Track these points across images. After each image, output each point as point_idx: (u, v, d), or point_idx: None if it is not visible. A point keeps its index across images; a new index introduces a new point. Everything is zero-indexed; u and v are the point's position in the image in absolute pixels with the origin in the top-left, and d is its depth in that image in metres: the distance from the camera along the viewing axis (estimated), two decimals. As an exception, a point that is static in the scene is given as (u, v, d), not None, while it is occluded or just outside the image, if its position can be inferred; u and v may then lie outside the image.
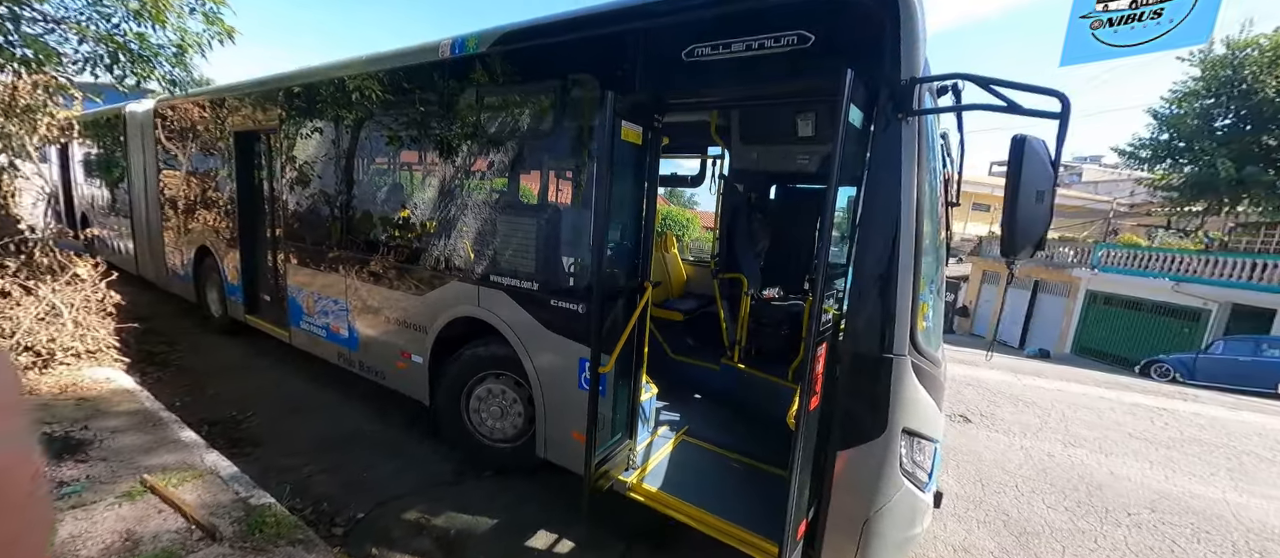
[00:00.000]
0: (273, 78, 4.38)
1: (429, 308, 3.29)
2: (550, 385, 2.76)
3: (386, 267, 3.54)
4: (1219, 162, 11.56)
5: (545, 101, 2.64)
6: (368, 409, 3.94)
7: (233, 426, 3.64)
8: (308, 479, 3.03)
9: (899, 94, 1.68)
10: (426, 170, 3.31)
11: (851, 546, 1.89)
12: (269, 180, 4.67)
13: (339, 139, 3.77)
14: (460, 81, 2.95)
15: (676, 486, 2.56)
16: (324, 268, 4.02)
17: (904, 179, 1.69)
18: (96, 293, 4.57)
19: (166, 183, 5.93)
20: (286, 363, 4.80)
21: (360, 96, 3.51)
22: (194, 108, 5.26)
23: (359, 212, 3.76)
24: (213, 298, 5.65)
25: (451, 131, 3.04)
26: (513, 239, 2.86)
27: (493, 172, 2.94)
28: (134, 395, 3.65)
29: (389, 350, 3.62)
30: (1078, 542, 2.79)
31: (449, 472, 3.18)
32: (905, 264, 1.71)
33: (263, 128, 4.50)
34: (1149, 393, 6.66)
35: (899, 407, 1.78)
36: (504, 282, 2.87)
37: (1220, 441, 4.63)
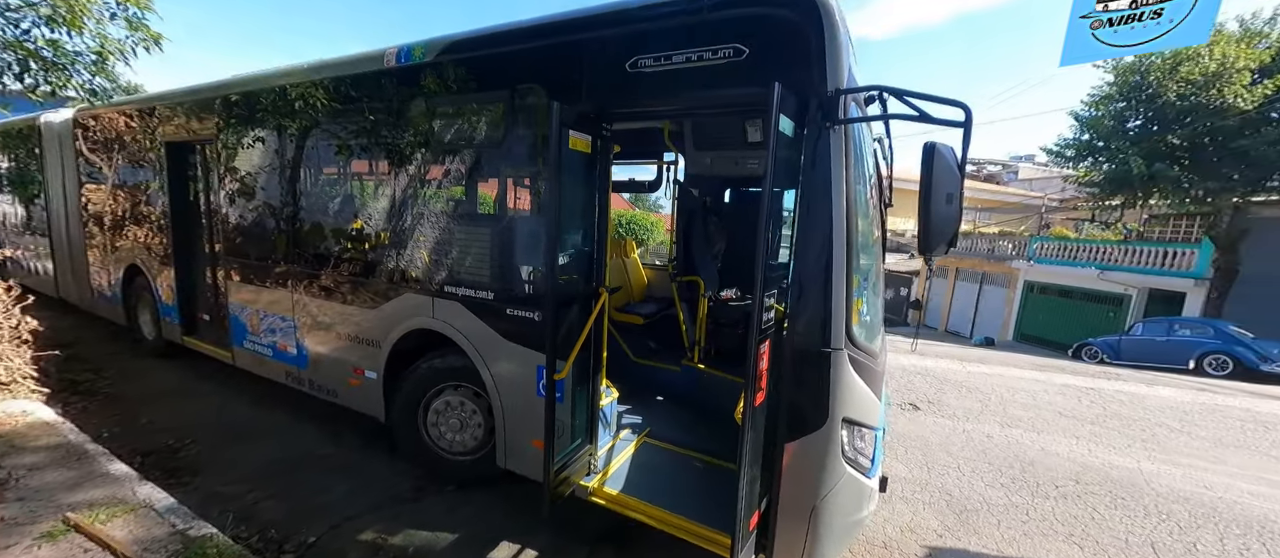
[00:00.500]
0: (208, 86, 4.17)
1: (382, 321, 3.21)
2: (509, 395, 2.75)
3: (336, 280, 3.43)
4: (1131, 159, 12.67)
5: (494, 111, 2.64)
6: (320, 430, 3.79)
7: (169, 455, 3.42)
8: (253, 506, 2.89)
9: (826, 104, 1.79)
10: (376, 181, 3.24)
11: (801, 532, 1.98)
12: (206, 193, 4.43)
13: (282, 149, 3.63)
14: (407, 90, 2.91)
15: (637, 487, 2.60)
16: (269, 284, 3.85)
17: (834, 183, 1.80)
18: (9, 319, 4.20)
19: (90, 198, 5.51)
20: (230, 386, 4.55)
21: (304, 105, 3.40)
22: (120, 118, 4.93)
23: (305, 224, 3.63)
24: (145, 320, 5.29)
25: (400, 141, 2.99)
26: (467, 249, 2.84)
27: (444, 181, 2.91)
28: (55, 428, 3.39)
29: (341, 367, 3.51)
30: (1011, 515, 3.01)
31: (407, 489, 3.10)
32: (839, 263, 1.82)
33: (198, 138, 4.27)
34: (1079, 374, 7.21)
35: (838, 398, 1.88)
36: (459, 292, 2.84)
37: (1137, 415, 5.08)
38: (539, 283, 2.56)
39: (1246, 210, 12.48)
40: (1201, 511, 3.14)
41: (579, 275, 2.52)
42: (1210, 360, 9.78)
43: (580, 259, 2.51)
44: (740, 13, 1.93)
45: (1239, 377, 9.10)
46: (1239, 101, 11.33)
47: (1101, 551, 2.71)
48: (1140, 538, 2.83)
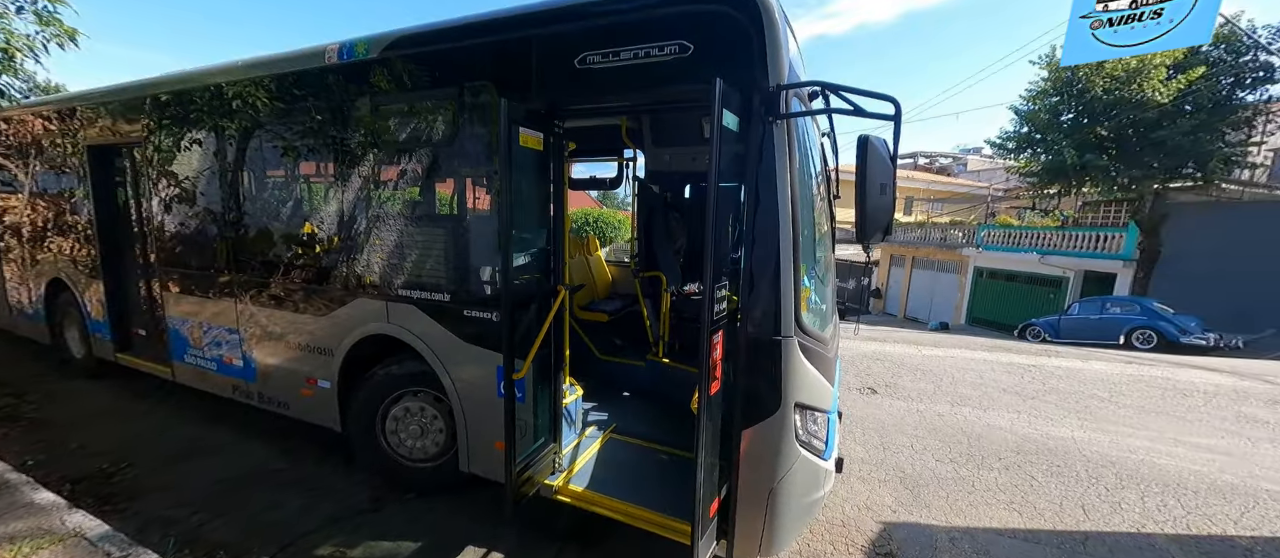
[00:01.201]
0: (135, 84, 3.89)
1: (334, 328, 3.10)
2: (470, 398, 2.71)
3: (284, 288, 3.28)
4: (1065, 150, 13.56)
5: (444, 109, 2.59)
6: (270, 445, 3.63)
7: (103, 481, 3.20)
8: (199, 529, 2.75)
9: (768, 99, 1.84)
10: (322, 183, 3.12)
11: (759, 515, 2.04)
12: (137, 200, 4.15)
13: (220, 151, 3.44)
14: (352, 89, 2.81)
15: (602, 482, 2.61)
16: (211, 294, 3.64)
17: (779, 177, 1.86)
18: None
19: (4, 207, 5.07)
20: (170, 403, 4.29)
21: (241, 105, 3.23)
22: (36, 119, 4.55)
23: (249, 230, 3.45)
24: (72, 337, 4.91)
25: (346, 141, 2.89)
26: (421, 251, 2.77)
27: (395, 182, 2.83)
28: (-33, 460, 3.11)
29: (292, 378, 3.36)
30: (957, 488, 3.19)
31: (366, 499, 3.01)
32: (786, 254, 1.88)
33: (125, 141, 3.99)
34: (1023, 353, 7.68)
35: (790, 384, 1.95)
36: (415, 295, 2.77)
37: (1072, 388, 5.46)
38: (494, 283, 2.53)
39: (1166, 196, 13.57)
40: (1125, 473, 3.41)
41: (536, 274, 2.50)
42: (1137, 335, 10.60)
43: (537, 258, 2.50)
44: (684, 10, 1.96)
45: (1162, 349, 9.90)
46: (1156, 95, 12.29)
47: (1038, 514, 2.91)
48: (1073, 501, 3.05)
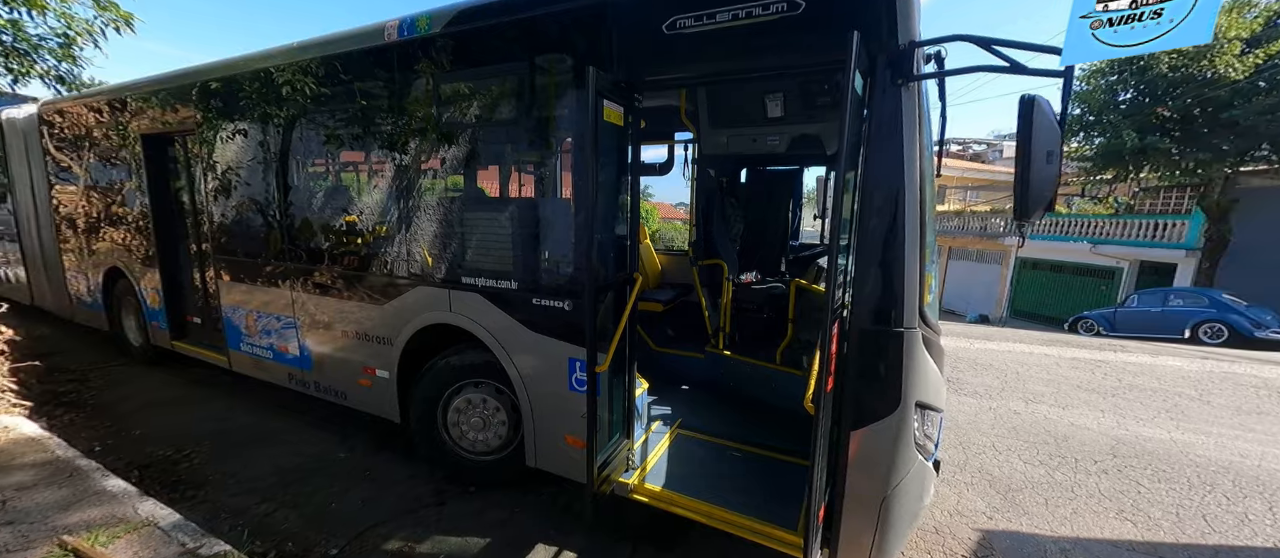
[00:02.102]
0: (188, 71, 3.86)
1: (393, 318, 3.01)
2: (537, 390, 2.58)
3: (340, 276, 3.21)
4: (1125, 132, 12.72)
5: (513, 85, 2.43)
6: (329, 434, 3.60)
7: (169, 467, 3.21)
8: (266, 518, 2.71)
9: (897, 59, 1.63)
10: (380, 168, 3.01)
11: (870, 526, 1.86)
12: (190, 188, 4.15)
13: (273, 137, 3.38)
14: (412, 67, 2.68)
15: (680, 482, 2.46)
16: (265, 282, 3.61)
17: (906, 148, 1.65)
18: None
19: (62, 198, 5.17)
20: (228, 391, 4.32)
21: (293, 89, 3.15)
22: (90, 110, 4.59)
23: (303, 218, 3.39)
24: (130, 325, 5.00)
25: (404, 124, 2.77)
26: (486, 237, 2.64)
27: (457, 166, 2.71)
28: (41, 444, 3.15)
29: (349, 368, 3.30)
30: (1056, 493, 2.93)
31: (429, 493, 2.94)
32: (911, 236, 1.67)
33: (178, 129, 3.98)
34: (1084, 348, 7.24)
35: (911, 381, 1.75)
36: (478, 283, 2.65)
37: (1154, 385, 5.07)
38: (567, 270, 2.39)
39: (1237, 181, 12.63)
40: (1244, 480, 3.10)
41: (612, 261, 2.35)
42: (1205, 329, 9.93)
43: (614, 243, 2.34)
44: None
45: (1234, 344, 9.25)
46: (1230, 72, 11.37)
47: (1154, 525, 2.65)
48: (1191, 510, 2.77)
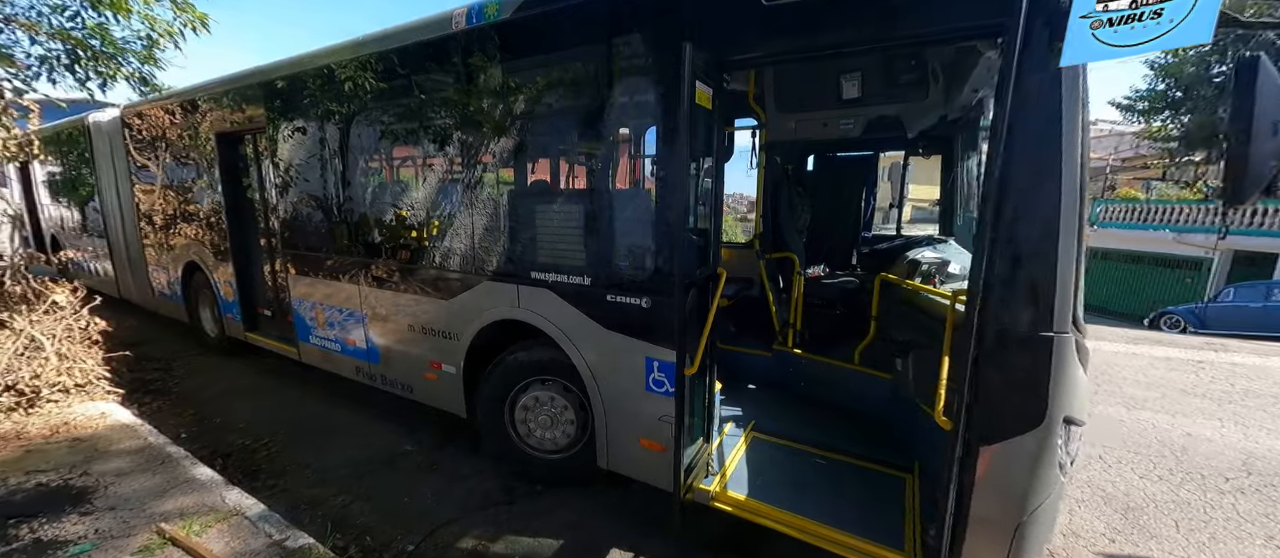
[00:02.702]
0: (254, 71, 3.95)
1: (460, 313, 2.98)
2: (611, 390, 2.48)
3: (405, 271, 3.21)
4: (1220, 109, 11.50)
5: (590, 69, 2.30)
6: (396, 426, 3.64)
7: (248, 456, 3.32)
8: (343, 510, 2.74)
9: (1057, 20, 1.39)
10: (445, 162, 2.96)
11: (1000, 554, 1.66)
12: (260, 185, 4.27)
13: (338, 134, 3.39)
14: (481, 55, 2.59)
15: (763, 490, 2.31)
16: (333, 277, 3.67)
17: (1066, 128, 1.41)
18: (78, 321, 4.17)
19: (143, 196, 5.46)
20: (298, 381, 4.46)
21: (354, 85, 3.14)
22: (168, 111, 4.80)
23: (368, 212, 3.41)
24: (206, 317, 5.25)
25: (473, 114, 2.69)
26: (557, 231, 2.54)
27: (526, 157, 2.62)
28: (135, 430, 3.31)
29: (415, 362, 3.31)
30: (1186, 514, 2.61)
31: (498, 490, 2.91)
32: (1069, 228, 1.45)
33: (249, 127, 4.09)
34: (1177, 346, 6.57)
35: (1059, 393, 1.53)
36: (549, 279, 2.56)
37: (1274, 391, 4.53)
38: (644, 264, 2.26)
39: (1353, 159, 11.21)
40: None
41: (698, 255, 2.20)
42: (1317, 327, 8.89)
43: (699, 237, 2.19)
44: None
45: (1354, 344, 8.22)
46: (1351, 36, 10.04)
47: (1314, 557, 2.31)
48: (1360, 542, 2.40)
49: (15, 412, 3.37)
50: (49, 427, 3.30)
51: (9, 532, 2.27)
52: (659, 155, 2.05)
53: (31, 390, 3.46)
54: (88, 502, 2.53)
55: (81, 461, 2.91)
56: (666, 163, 1.96)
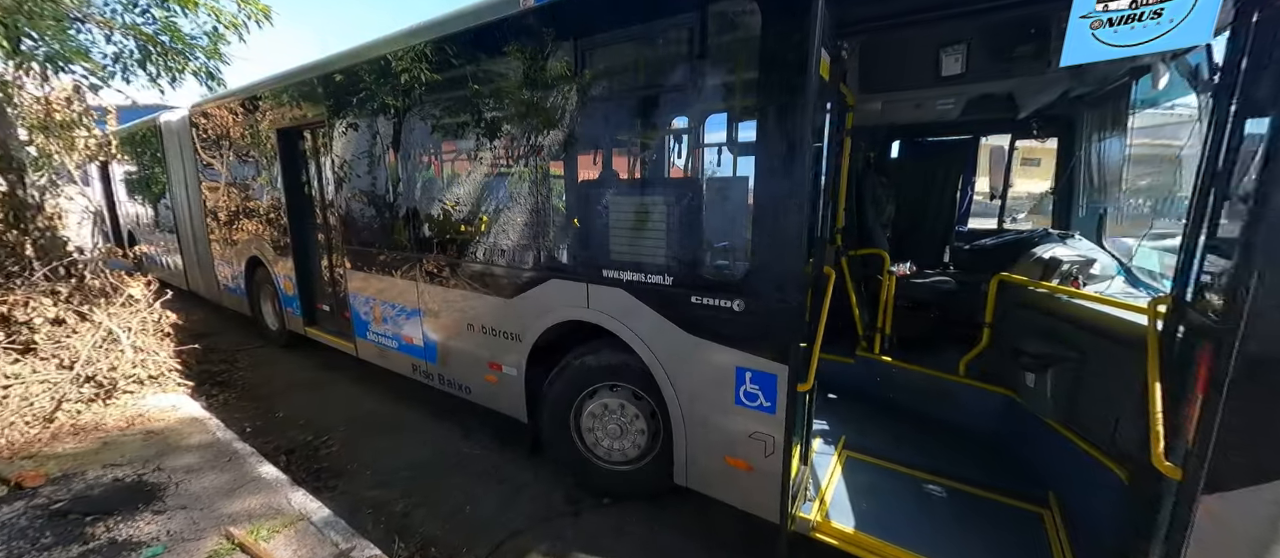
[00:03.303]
0: (314, 64, 3.92)
1: (523, 312, 2.81)
2: (693, 401, 2.25)
3: (464, 268, 3.07)
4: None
5: (686, 39, 2.05)
6: (451, 426, 3.54)
7: (310, 453, 3.28)
8: (405, 517, 2.63)
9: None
10: (510, 152, 2.79)
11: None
12: (319, 180, 4.26)
13: (395, 126, 3.29)
14: (552, 33, 2.39)
15: (875, 522, 2.02)
16: (390, 272, 3.59)
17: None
18: (152, 313, 4.29)
19: (208, 192, 5.62)
20: (354, 377, 4.45)
21: (411, 76, 3.01)
22: (232, 109, 4.88)
23: (427, 207, 3.30)
24: (267, 310, 5.35)
25: (540, 101, 2.50)
26: (635, 224, 2.32)
27: (603, 144, 2.41)
28: (204, 424, 3.33)
29: (474, 362, 3.18)
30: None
31: (562, 500, 2.74)
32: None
33: (309, 122, 4.07)
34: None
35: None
36: (624, 277, 2.35)
37: None
38: (738, 261, 2.00)
39: None
40: None
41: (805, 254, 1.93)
42: None
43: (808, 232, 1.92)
44: None
45: None
46: None
47: None
48: None
49: (94, 402, 3.45)
50: (125, 418, 3.36)
51: (86, 530, 2.26)
52: (768, 138, 1.79)
53: (109, 382, 3.55)
54: (160, 499, 2.51)
55: (154, 455, 2.93)
56: (777, 147, 1.70)
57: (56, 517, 2.33)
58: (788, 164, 1.70)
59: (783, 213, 1.75)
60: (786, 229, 1.76)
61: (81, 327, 3.72)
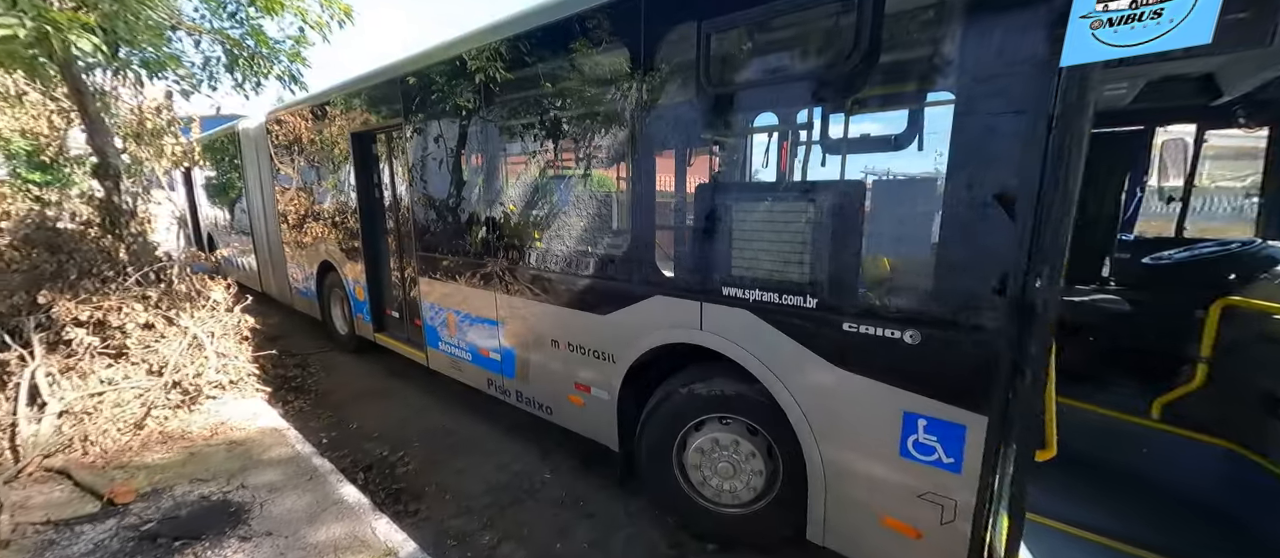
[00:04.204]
0: (388, 67, 3.80)
1: (620, 331, 2.53)
2: (838, 448, 1.89)
3: (550, 278, 2.82)
4: None
5: (838, 11, 1.70)
6: (528, 445, 3.32)
7: (388, 471, 3.13)
8: (493, 551, 2.41)
9: None
10: (608, 151, 2.51)
11: None
12: (392, 184, 4.16)
13: (475, 128, 3.09)
14: (660, 16, 2.09)
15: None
16: (466, 281, 3.40)
17: None
18: (232, 317, 4.32)
19: (282, 196, 5.71)
20: (424, 386, 4.34)
21: (494, 73, 2.80)
22: (305, 115, 4.89)
23: (511, 210, 3.08)
24: (337, 315, 5.35)
25: (655, 90, 2.20)
26: (769, 233, 1.98)
27: (730, 137, 2.08)
28: (283, 436, 3.24)
29: (559, 381, 2.93)
30: None
31: (662, 542, 2.44)
32: None
33: (381, 126, 3.97)
34: None
35: None
36: (748, 296, 2.01)
37: None
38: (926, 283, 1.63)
39: None
40: None
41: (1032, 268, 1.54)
42: None
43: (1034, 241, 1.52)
44: None
45: None
46: None
47: None
48: None
49: (180, 409, 3.45)
50: (209, 427, 3.32)
51: (174, 556, 2.14)
52: (961, 116, 1.42)
53: (194, 389, 3.54)
54: (246, 523, 2.39)
55: (238, 469, 2.84)
56: (992, 132, 1.33)
57: (146, 540, 2.24)
58: (1003, 154, 1.33)
59: (988, 218, 1.37)
60: (992, 239, 1.38)
61: (169, 331, 3.74)
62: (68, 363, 3.29)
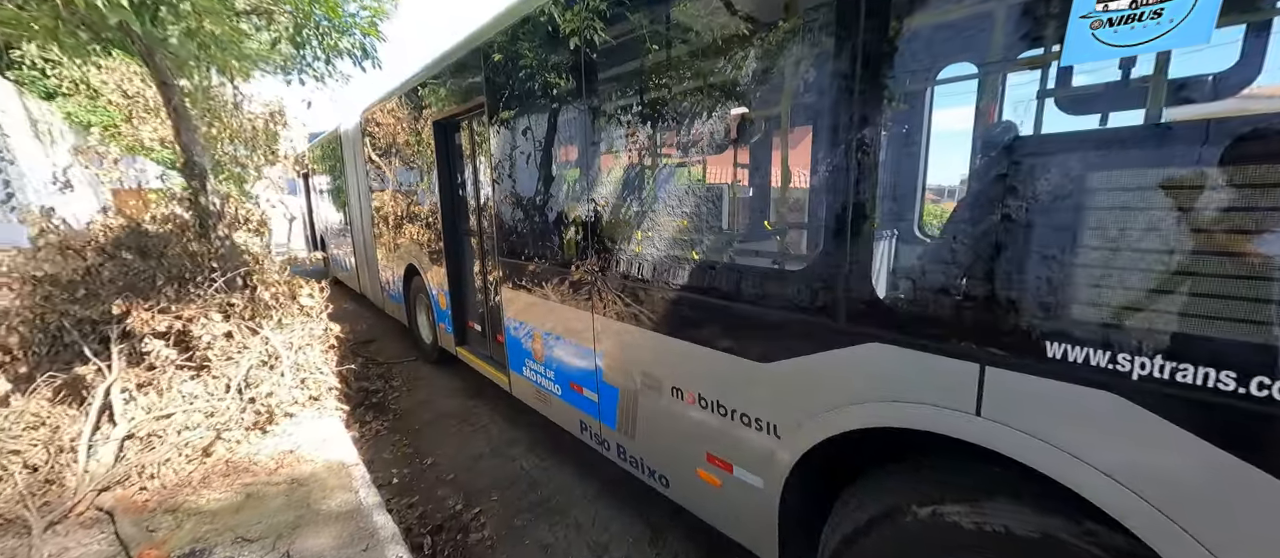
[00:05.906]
0: (468, 38, 3.17)
1: (794, 391, 1.58)
2: None
3: (681, 303, 1.94)
4: None
5: None
6: (629, 516, 2.52)
7: (460, 533, 2.48)
8: None
9: None
10: (798, 118, 1.56)
11: None
12: (476, 177, 3.58)
13: (580, 107, 2.30)
14: None
15: None
16: (558, 296, 2.65)
17: None
18: (319, 325, 4.02)
19: (375, 195, 5.50)
20: (506, 412, 3.73)
21: (583, 39, 1.97)
22: (393, 106, 4.53)
23: (620, 214, 2.25)
24: (422, 322, 4.98)
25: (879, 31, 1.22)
26: (1203, 242, 0.91)
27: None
28: (349, 475, 2.73)
29: (682, 447, 2.05)
30: None
31: None
32: None
33: (464, 111, 3.38)
34: None
35: None
36: (1129, 366, 0.96)
37: None
38: None
39: None
40: None
41: None
42: None
43: None
44: None
45: None
46: None
47: None
48: None
49: (253, 431, 3.10)
50: (276, 456, 2.92)
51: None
52: None
53: (267, 409, 3.18)
54: (278, 620, 1.79)
55: (290, 525, 2.32)
56: None
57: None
58: None
59: None
60: None
61: (251, 342, 3.46)
62: (147, 376, 3.06)
